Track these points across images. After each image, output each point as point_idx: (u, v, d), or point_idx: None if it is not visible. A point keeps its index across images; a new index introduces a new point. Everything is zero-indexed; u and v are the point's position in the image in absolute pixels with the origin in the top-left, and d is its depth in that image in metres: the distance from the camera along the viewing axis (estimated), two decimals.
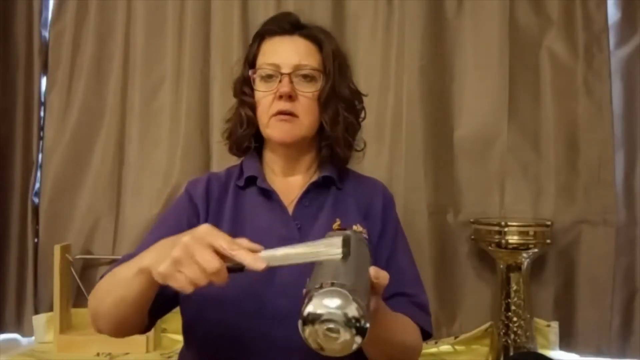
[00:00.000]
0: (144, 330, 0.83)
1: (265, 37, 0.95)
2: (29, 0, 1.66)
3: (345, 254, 0.57)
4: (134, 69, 1.66)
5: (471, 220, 1.50)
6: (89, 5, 1.66)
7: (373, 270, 0.64)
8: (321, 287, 0.54)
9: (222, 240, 0.61)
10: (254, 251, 0.61)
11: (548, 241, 1.40)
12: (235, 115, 0.97)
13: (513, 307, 1.40)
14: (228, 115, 0.99)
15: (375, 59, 1.58)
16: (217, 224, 0.89)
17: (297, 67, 0.89)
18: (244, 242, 0.62)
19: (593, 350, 1.47)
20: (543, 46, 1.55)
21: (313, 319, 0.53)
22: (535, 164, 1.55)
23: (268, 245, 0.62)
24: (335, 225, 0.88)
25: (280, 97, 0.88)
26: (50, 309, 1.56)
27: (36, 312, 1.62)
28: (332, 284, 0.54)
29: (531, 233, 1.39)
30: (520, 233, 1.38)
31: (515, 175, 1.54)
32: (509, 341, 1.39)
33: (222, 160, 1.61)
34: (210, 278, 0.60)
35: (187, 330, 0.89)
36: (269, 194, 0.91)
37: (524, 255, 1.40)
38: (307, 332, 0.54)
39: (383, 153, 1.56)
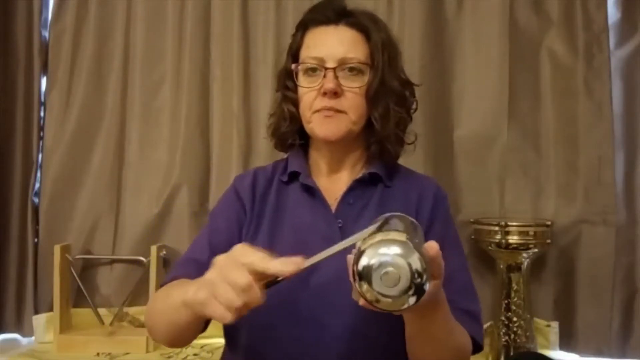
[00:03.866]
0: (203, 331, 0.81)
1: (309, 27, 0.89)
2: (29, 0, 1.66)
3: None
4: (134, 69, 1.65)
5: (471, 220, 1.50)
6: (89, 5, 1.66)
7: (428, 244, 0.57)
8: (374, 236, 0.52)
9: (252, 257, 0.58)
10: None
11: (548, 241, 1.40)
12: (279, 110, 0.92)
13: (513, 307, 1.40)
14: (272, 110, 0.95)
15: None
16: (259, 220, 0.87)
17: (342, 61, 0.84)
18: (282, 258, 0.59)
19: (593, 351, 1.47)
20: (543, 46, 1.55)
21: (367, 272, 0.51)
22: (535, 164, 1.55)
23: (309, 243, 0.60)
24: None
25: (325, 93, 0.83)
26: (50, 309, 1.56)
27: (36, 312, 1.61)
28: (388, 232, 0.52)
29: (531, 233, 1.38)
30: (520, 233, 1.38)
31: (515, 175, 1.54)
32: (509, 341, 1.39)
33: (222, 160, 1.61)
34: (242, 297, 0.56)
35: (228, 336, 0.88)
36: (312, 191, 0.87)
37: (524, 255, 1.40)
38: (364, 287, 0.52)
39: None
